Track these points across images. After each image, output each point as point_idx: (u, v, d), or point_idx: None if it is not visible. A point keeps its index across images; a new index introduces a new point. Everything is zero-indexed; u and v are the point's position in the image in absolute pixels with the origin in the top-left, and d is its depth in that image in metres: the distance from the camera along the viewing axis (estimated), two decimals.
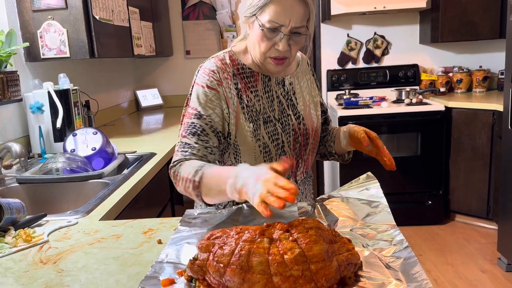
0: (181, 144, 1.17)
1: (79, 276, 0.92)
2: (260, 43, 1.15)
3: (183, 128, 1.19)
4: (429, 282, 0.77)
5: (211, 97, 1.18)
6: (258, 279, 0.75)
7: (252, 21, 1.15)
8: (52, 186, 1.68)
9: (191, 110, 1.19)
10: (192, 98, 1.20)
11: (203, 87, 1.19)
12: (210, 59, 1.24)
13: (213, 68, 1.20)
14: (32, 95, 2.07)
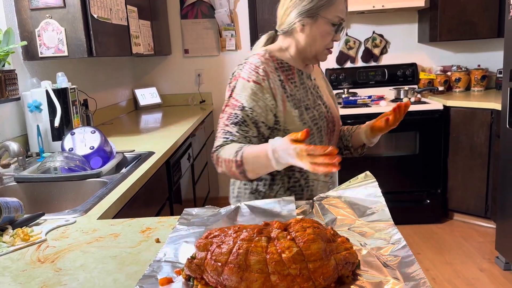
0: (223, 132, 1.29)
1: (77, 275, 0.92)
2: (325, 37, 1.34)
3: (226, 117, 1.30)
4: (427, 281, 0.77)
5: (255, 90, 1.29)
6: (256, 278, 0.75)
7: (314, 20, 1.32)
8: (50, 185, 1.68)
9: (234, 101, 1.30)
10: (236, 91, 1.31)
11: (248, 81, 1.30)
12: (252, 55, 1.36)
13: (258, 64, 1.32)
14: (30, 94, 2.07)
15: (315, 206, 1.16)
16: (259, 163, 1.19)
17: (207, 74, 4.13)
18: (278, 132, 1.33)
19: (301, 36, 1.36)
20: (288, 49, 1.40)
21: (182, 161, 2.56)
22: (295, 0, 1.32)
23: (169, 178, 2.25)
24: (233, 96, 1.31)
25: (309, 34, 1.34)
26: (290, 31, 1.37)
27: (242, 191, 1.42)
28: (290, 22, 1.35)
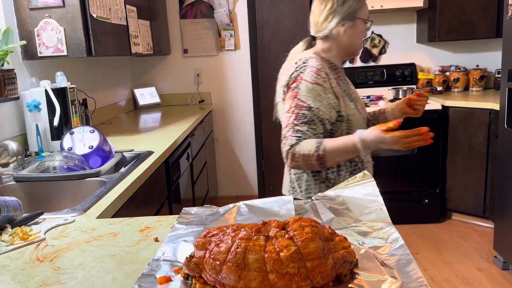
0: (293, 131, 1.43)
1: (75, 273, 0.92)
2: (361, 35, 1.54)
3: (294, 117, 1.44)
4: (424, 280, 0.77)
5: (319, 92, 1.45)
6: (254, 276, 0.76)
7: (353, 22, 1.50)
8: (49, 184, 1.68)
9: (301, 102, 1.44)
10: (301, 92, 1.45)
11: (312, 83, 1.45)
12: (310, 59, 1.50)
13: (319, 67, 1.48)
14: (29, 93, 2.07)
15: (314, 205, 1.16)
16: (344, 153, 1.42)
17: (206, 74, 4.13)
18: (341, 123, 1.50)
19: (343, 37, 1.52)
20: (331, 50, 1.55)
21: (181, 161, 2.56)
22: (334, 8, 1.49)
23: (168, 178, 2.26)
24: (298, 97, 1.45)
25: (350, 35, 1.52)
26: (331, 35, 1.53)
27: (312, 183, 1.55)
28: (331, 28, 1.51)
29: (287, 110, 1.47)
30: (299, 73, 1.48)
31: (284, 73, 1.55)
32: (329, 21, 1.51)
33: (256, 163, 4.25)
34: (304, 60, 1.51)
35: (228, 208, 1.17)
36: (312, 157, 1.40)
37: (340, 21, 1.50)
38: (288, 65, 1.57)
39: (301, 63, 1.50)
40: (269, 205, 1.16)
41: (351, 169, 1.55)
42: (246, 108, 4.16)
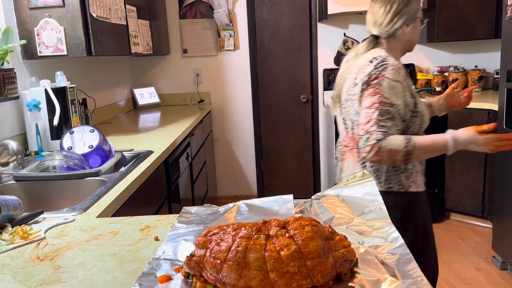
0: (379, 126, 1.47)
1: (76, 272, 0.92)
2: (419, 32, 1.65)
3: (378, 113, 1.48)
4: (424, 279, 0.78)
5: (399, 89, 1.51)
6: (255, 275, 0.76)
7: (414, 22, 1.61)
8: (49, 184, 1.68)
9: (384, 99, 1.49)
10: (384, 89, 1.50)
11: (394, 81, 1.51)
12: (387, 57, 1.55)
13: (399, 65, 1.55)
14: (29, 92, 2.07)
15: (313, 205, 1.16)
16: (432, 151, 1.50)
17: (206, 74, 4.13)
18: (416, 119, 1.58)
19: (406, 36, 1.62)
20: (394, 48, 1.64)
21: (180, 161, 2.57)
22: (399, 9, 1.59)
23: (167, 177, 2.26)
24: (381, 94, 1.50)
25: (412, 33, 1.63)
26: (395, 34, 1.62)
27: (392, 174, 1.61)
28: (397, 28, 1.60)
29: (368, 106, 1.51)
30: (381, 71, 1.52)
31: (357, 71, 1.59)
32: (395, 22, 1.60)
33: (255, 163, 4.26)
34: (382, 58, 1.55)
35: (228, 208, 1.17)
36: (399, 152, 1.45)
37: (405, 22, 1.60)
38: (360, 62, 1.61)
39: (380, 61, 1.54)
40: (269, 205, 1.17)
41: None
42: (246, 108, 4.16)
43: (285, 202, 1.16)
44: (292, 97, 4.16)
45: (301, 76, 4.11)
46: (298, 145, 4.23)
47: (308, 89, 4.13)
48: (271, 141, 4.24)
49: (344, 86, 1.66)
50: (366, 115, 1.51)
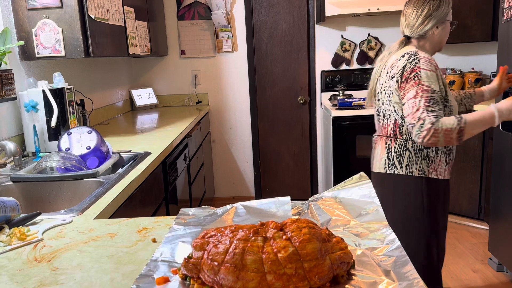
0: (428, 111, 1.63)
1: (73, 274, 0.92)
2: (448, 33, 1.83)
3: (424, 100, 1.64)
4: (421, 281, 0.78)
5: (436, 78, 1.69)
6: (252, 277, 0.76)
7: (444, 25, 1.80)
8: (47, 185, 1.68)
9: (426, 87, 1.66)
10: (423, 79, 1.67)
11: (429, 70, 1.68)
12: (418, 52, 1.73)
13: (430, 58, 1.72)
14: (27, 93, 2.07)
15: (311, 207, 1.17)
16: (482, 124, 1.65)
17: (204, 75, 4.14)
18: (445, 109, 1.73)
19: (436, 36, 1.81)
20: (424, 47, 1.83)
21: (178, 162, 2.57)
22: (430, 13, 1.76)
23: (165, 179, 2.26)
24: (422, 83, 1.66)
25: (441, 35, 1.81)
26: (426, 35, 1.80)
27: (413, 160, 1.79)
28: (427, 29, 1.78)
29: (413, 96, 1.67)
30: (415, 63, 1.70)
31: (390, 66, 1.79)
32: (425, 24, 1.78)
33: (252, 164, 4.26)
34: (413, 53, 1.73)
35: (225, 209, 1.17)
36: (453, 131, 1.61)
37: (435, 24, 1.78)
38: (393, 58, 1.80)
39: (412, 55, 1.72)
40: (266, 206, 1.17)
41: (445, 149, 1.79)
42: (243, 109, 4.17)
43: (282, 204, 1.17)
44: (289, 98, 4.17)
45: (299, 78, 4.12)
46: (295, 147, 4.24)
47: (306, 91, 4.14)
48: (268, 142, 4.24)
49: (379, 80, 1.85)
50: (413, 104, 1.66)
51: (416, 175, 1.78)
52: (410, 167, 1.79)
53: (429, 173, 1.78)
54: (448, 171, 1.82)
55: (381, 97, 1.84)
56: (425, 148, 1.77)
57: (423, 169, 1.78)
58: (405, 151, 1.79)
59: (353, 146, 3.49)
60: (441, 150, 1.78)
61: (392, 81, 1.75)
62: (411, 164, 1.79)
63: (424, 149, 1.77)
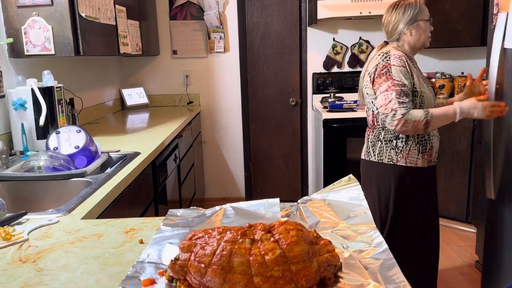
0: (399, 103, 1.84)
1: (59, 275, 0.91)
2: (426, 32, 1.99)
3: (395, 93, 1.84)
4: (407, 284, 0.79)
5: (405, 72, 1.88)
6: (239, 280, 0.76)
7: (415, 24, 1.97)
8: (34, 184, 1.66)
9: (396, 82, 1.86)
10: (393, 74, 1.87)
11: (399, 66, 1.89)
12: (390, 50, 1.95)
13: (400, 54, 1.92)
14: (15, 91, 2.04)
15: (299, 209, 1.17)
16: (445, 119, 1.85)
17: (195, 75, 4.12)
18: (416, 98, 1.92)
19: (410, 37, 2.00)
20: (403, 46, 2.02)
21: (168, 162, 2.56)
22: (399, 18, 1.98)
23: (154, 179, 2.25)
24: (393, 78, 1.87)
25: (415, 34, 1.99)
26: (400, 38, 2.02)
27: (383, 149, 2.02)
28: (399, 32, 2.00)
29: (385, 89, 1.87)
30: (386, 61, 1.91)
31: (367, 68, 2.01)
32: (396, 29, 2.00)
33: (243, 165, 4.26)
34: (385, 52, 1.95)
35: (214, 211, 1.17)
36: (421, 122, 1.82)
37: (404, 27, 1.98)
38: (371, 62, 2.01)
39: (384, 53, 1.95)
40: (255, 208, 1.17)
41: (418, 139, 1.97)
42: (235, 110, 4.16)
43: (271, 206, 1.17)
44: (281, 100, 4.17)
45: (291, 79, 4.13)
46: (286, 148, 4.24)
47: (297, 93, 4.15)
48: (259, 143, 4.24)
49: (364, 79, 2.06)
50: (385, 97, 1.86)
51: (385, 162, 2.02)
52: (381, 155, 2.03)
53: (397, 161, 1.99)
54: (423, 160, 2.00)
55: (365, 93, 2.06)
56: (394, 139, 1.99)
57: (392, 157, 2.00)
58: (378, 141, 2.04)
59: (343, 148, 3.51)
60: (412, 141, 1.97)
61: (369, 78, 1.98)
62: (382, 153, 2.02)
63: (393, 140, 2.00)
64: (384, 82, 1.88)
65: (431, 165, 2.04)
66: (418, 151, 1.98)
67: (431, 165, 2.04)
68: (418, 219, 2.05)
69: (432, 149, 2.01)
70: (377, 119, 2.03)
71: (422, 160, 1.99)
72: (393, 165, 2.00)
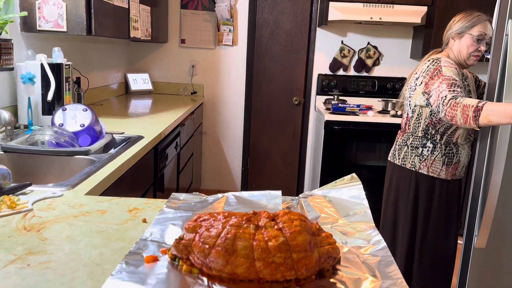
0: (450, 90, 1.79)
1: (62, 245, 0.93)
2: (469, 48, 1.97)
3: (446, 84, 1.82)
4: (404, 281, 0.81)
5: (456, 72, 1.90)
6: (242, 263, 0.78)
7: (461, 35, 1.98)
8: (38, 158, 1.67)
9: (447, 77, 1.85)
10: (444, 72, 1.88)
11: (450, 67, 1.91)
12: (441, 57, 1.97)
13: (451, 62, 1.95)
14: (25, 65, 2.05)
15: (300, 203, 1.19)
16: (502, 114, 1.62)
17: (201, 66, 4.13)
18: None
19: (453, 47, 2.02)
20: (450, 56, 2.03)
21: (169, 150, 2.57)
22: (452, 24, 2.02)
23: (155, 164, 2.26)
24: (443, 75, 1.86)
25: (458, 45, 2.00)
26: (448, 44, 2.05)
27: (408, 154, 2.06)
28: (448, 37, 2.03)
29: (437, 86, 1.85)
30: (437, 64, 1.93)
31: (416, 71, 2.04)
32: (446, 33, 2.05)
33: (241, 159, 4.28)
34: (436, 58, 1.98)
35: (216, 198, 1.19)
36: (471, 107, 1.68)
37: (451, 34, 2.02)
38: (419, 66, 2.04)
39: (435, 59, 1.97)
40: (257, 198, 1.19)
41: (445, 151, 1.99)
42: (238, 104, 4.18)
43: (273, 198, 1.19)
44: (284, 98, 4.19)
45: (296, 78, 4.15)
46: (285, 146, 4.27)
47: (301, 92, 4.17)
48: (259, 139, 4.26)
49: (408, 83, 2.09)
50: (436, 92, 1.84)
51: (408, 167, 2.05)
52: (405, 160, 2.06)
53: (419, 168, 2.02)
54: (447, 172, 2.01)
55: (406, 95, 2.09)
56: (421, 147, 2.02)
57: (414, 164, 2.03)
58: (404, 146, 2.08)
59: (342, 151, 3.53)
60: (439, 151, 1.99)
61: (418, 81, 1.99)
62: (406, 158, 2.06)
63: (420, 148, 2.03)
64: (435, 81, 1.88)
65: (455, 178, 2.04)
66: (442, 163, 1.99)
67: (455, 179, 2.04)
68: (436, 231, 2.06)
69: (458, 163, 2.02)
70: (409, 123, 2.06)
71: (446, 172, 2.00)
72: (414, 172, 2.03)
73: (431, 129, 2.01)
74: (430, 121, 2.00)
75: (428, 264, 2.08)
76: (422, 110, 2.02)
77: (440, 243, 2.07)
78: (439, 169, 2.00)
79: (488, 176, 1.82)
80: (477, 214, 1.87)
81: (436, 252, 2.07)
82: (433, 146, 1.99)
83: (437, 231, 2.06)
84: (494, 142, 1.78)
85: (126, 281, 0.77)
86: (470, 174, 3.37)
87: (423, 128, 2.03)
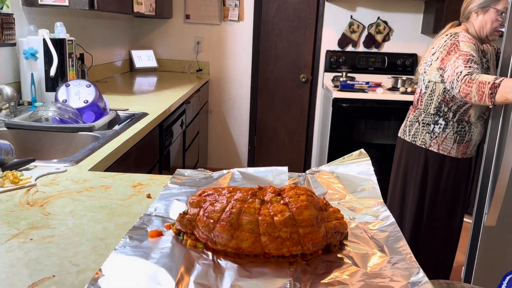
0: (466, 67, 1.73)
1: (66, 220, 0.92)
2: (494, 23, 1.88)
3: (462, 60, 1.76)
4: (413, 256, 0.79)
5: (473, 47, 1.82)
6: (247, 237, 0.76)
7: (486, 9, 1.88)
8: (41, 134, 1.66)
9: (464, 52, 1.79)
10: (461, 47, 1.81)
11: (468, 42, 1.83)
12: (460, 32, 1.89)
13: (470, 37, 1.87)
14: (27, 40, 2.02)
15: (307, 179, 1.17)
16: None
17: (207, 42, 4.07)
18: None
19: (476, 21, 1.92)
20: (470, 31, 1.93)
21: (174, 127, 2.55)
22: None
23: (160, 142, 2.25)
24: (460, 50, 1.80)
25: (482, 19, 1.90)
26: (469, 18, 1.94)
27: (419, 131, 2.02)
28: (469, 11, 1.93)
29: (453, 61, 1.79)
30: (454, 39, 1.86)
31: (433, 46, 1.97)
32: (468, 6, 1.95)
33: (248, 138, 4.25)
34: (454, 32, 1.90)
35: (221, 174, 1.17)
36: (487, 84, 1.62)
37: (474, 7, 1.91)
38: (437, 39, 1.97)
39: (453, 33, 1.89)
40: (263, 174, 1.17)
41: (457, 129, 1.95)
42: (244, 82, 4.13)
43: (279, 174, 1.16)
44: (291, 75, 4.13)
45: (303, 55, 4.08)
46: (292, 125, 4.23)
47: (309, 69, 4.10)
48: (266, 117, 4.22)
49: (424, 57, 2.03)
50: (452, 67, 1.78)
51: (418, 144, 2.02)
52: (415, 136, 2.03)
53: (429, 145, 1.99)
54: (457, 150, 1.97)
55: (421, 70, 2.03)
56: (432, 124, 1.98)
57: (425, 141, 2.00)
58: (416, 122, 2.04)
59: (350, 129, 3.49)
60: (450, 129, 1.95)
61: (434, 56, 1.92)
62: (417, 134, 2.03)
63: (431, 124, 1.98)
64: (452, 56, 1.81)
65: (466, 157, 2.01)
66: (454, 141, 1.96)
67: (466, 157, 2.01)
68: (441, 208, 2.05)
69: (470, 142, 1.98)
70: (422, 99, 2.02)
71: (457, 150, 1.97)
72: (424, 149, 2.00)
73: (443, 107, 1.96)
74: (443, 98, 1.95)
75: (434, 242, 2.08)
76: (435, 86, 1.95)
77: (447, 221, 2.06)
78: (450, 147, 1.97)
79: (500, 154, 1.78)
80: (488, 192, 1.84)
81: (443, 228, 2.07)
82: (445, 123, 1.95)
83: (445, 209, 2.05)
84: (507, 120, 1.74)
85: (129, 255, 0.76)
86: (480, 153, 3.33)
87: (435, 105, 1.98)
